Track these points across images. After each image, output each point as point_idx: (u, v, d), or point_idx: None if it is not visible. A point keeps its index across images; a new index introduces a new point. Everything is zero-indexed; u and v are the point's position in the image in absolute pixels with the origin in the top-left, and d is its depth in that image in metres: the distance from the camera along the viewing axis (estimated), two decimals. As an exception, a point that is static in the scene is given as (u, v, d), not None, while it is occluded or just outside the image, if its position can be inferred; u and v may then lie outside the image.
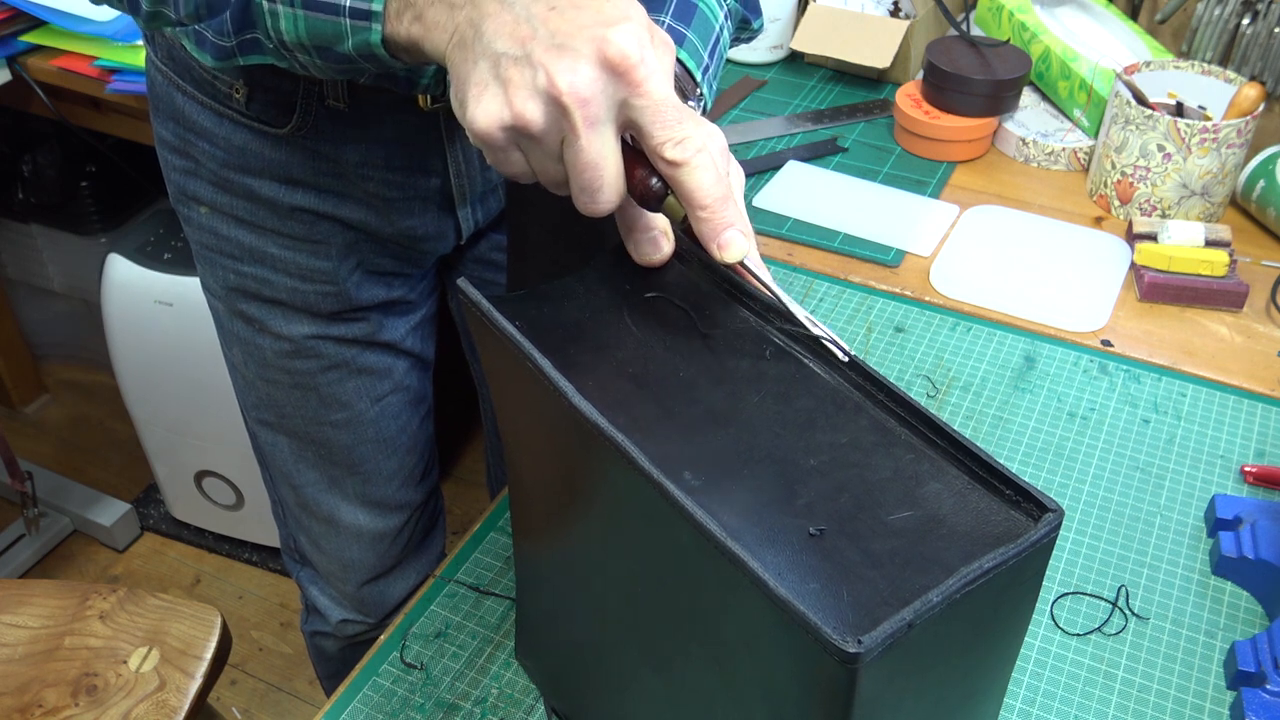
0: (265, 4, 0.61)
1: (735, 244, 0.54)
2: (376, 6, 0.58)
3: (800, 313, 0.56)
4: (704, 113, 0.72)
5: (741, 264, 0.56)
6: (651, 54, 0.52)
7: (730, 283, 0.59)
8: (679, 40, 0.72)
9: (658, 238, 0.60)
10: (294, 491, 1.03)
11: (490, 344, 0.58)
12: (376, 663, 0.76)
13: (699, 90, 0.71)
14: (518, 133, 0.52)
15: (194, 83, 0.82)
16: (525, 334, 0.54)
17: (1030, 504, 0.48)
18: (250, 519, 1.86)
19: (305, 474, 1.01)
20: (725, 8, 0.77)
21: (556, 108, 0.51)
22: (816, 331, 0.55)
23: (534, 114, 0.51)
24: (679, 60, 0.70)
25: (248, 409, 1.01)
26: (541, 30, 0.51)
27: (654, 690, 0.58)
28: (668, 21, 0.72)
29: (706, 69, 0.73)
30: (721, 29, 0.76)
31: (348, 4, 0.58)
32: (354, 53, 0.60)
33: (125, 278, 1.62)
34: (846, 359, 0.54)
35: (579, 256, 0.63)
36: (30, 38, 1.47)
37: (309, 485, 1.02)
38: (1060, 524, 0.47)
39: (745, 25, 0.84)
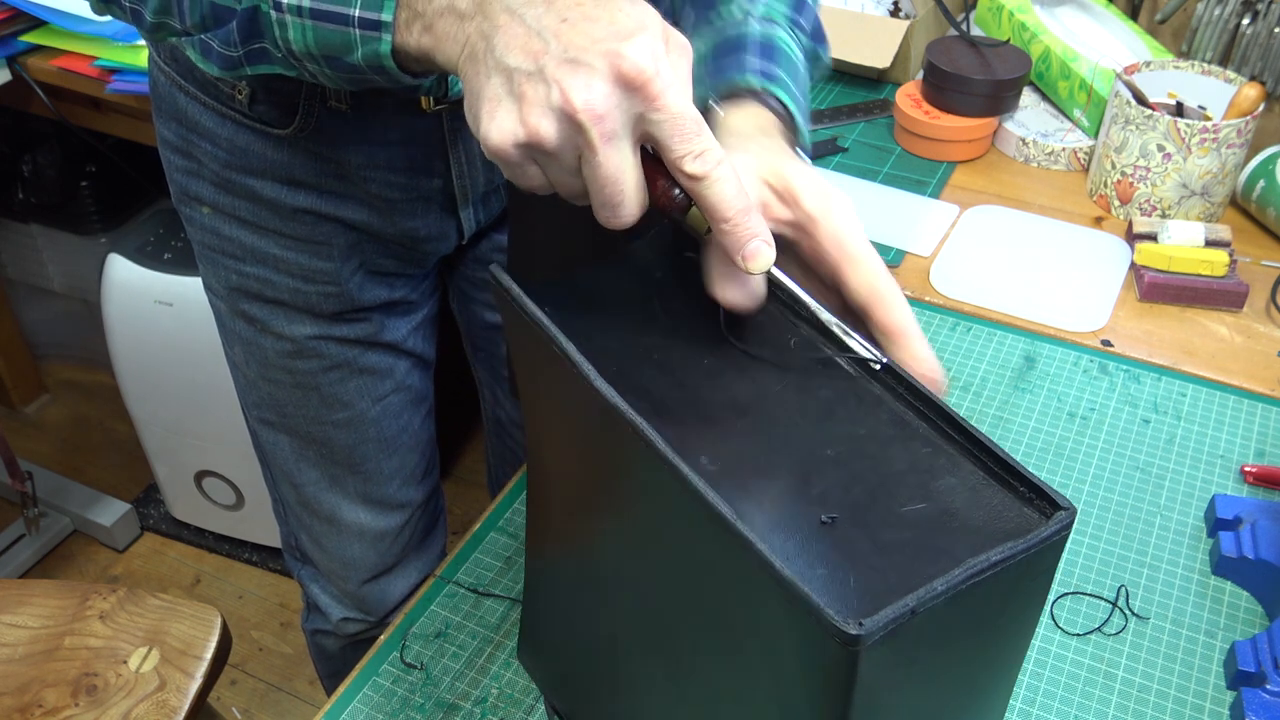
0: (273, 14, 0.60)
1: (761, 255, 0.54)
2: (386, 16, 0.57)
3: (831, 320, 0.56)
4: (809, 157, 0.69)
5: (768, 273, 0.56)
6: (666, 65, 0.51)
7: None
8: (770, 78, 0.68)
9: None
10: (295, 490, 1.04)
11: (517, 329, 0.58)
12: (376, 663, 0.76)
13: (799, 135, 0.68)
14: (533, 149, 0.52)
15: (196, 83, 0.82)
16: (552, 319, 0.54)
17: (1043, 501, 0.48)
18: (250, 519, 1.86)
19: (306, 473, 1.01)
20: (802, 47, 0.74)
21: (571, 125, 0.50)
22: (850, 341, 0.55)
23: (549, 131, 0.51)
24: (782, 102, 0.67)
25: (249, 408, 1.02)
26: (554, 44, 0.50)
27: (661, 685, 0.58)
28: (758, 63, 0.69)
29: (804, 110, 0.71)
30: (803, 67, 0.73)
31: (356, 14, 0.58)
32: (363, 64, 0.60)
33: (125, 278, 1.62)
34: (880, 365, 0.54)
35: (583, 253, 0.63)
36: (30, 38, 1.47)
37: (310, 484, 1.02)
38: (1072, 523, 0.47)
39: (817, 59, 0.80)
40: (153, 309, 1.62)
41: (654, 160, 0.55)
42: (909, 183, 1.24)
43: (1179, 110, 1.19)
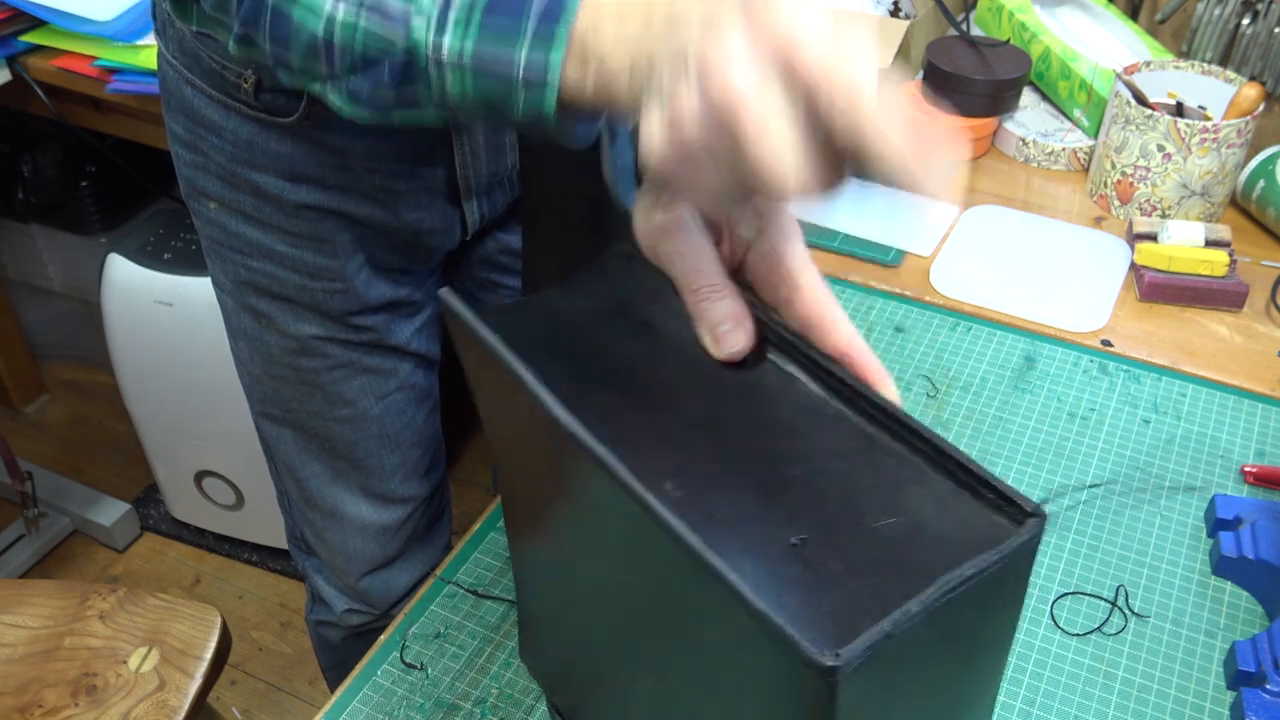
0: (433, 70, 0.56)
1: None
2: (552, 77, 0.53)
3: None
4: None
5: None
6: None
7: None
8: None
9: (732, 330, 0.54)
10: (298, 484, 1.04)
11: (474, 356, 0.57)
12: (376, 663, 0.76)
13: None
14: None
15: (203, 75, 0.82)
16: (509, 345, 0.53)
17: (1013, 508, 0.47)
18: (250, 519, 1.86)
19: (309, 466, 1.02)
20: None
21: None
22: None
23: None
24: None
25: (253, 402, 1.02)
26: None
27: (649, 693, 0.58)
28: None
29: None
30: None
31: (520, 76, 0.54)
32: (522, 118, 0.56)
33: (125, 278, 1.62)
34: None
35: (593, 240, 0.63)
36: (30, 38, 1.47)
37: (313, 478, 1.03)
38: (1043, 529, 0.47)
39: None
40: (153, 309, 1.62)
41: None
42: (909, 183, 1.24)
43: (1179, 110, 1.19)
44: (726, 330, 0.54)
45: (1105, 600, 0.80)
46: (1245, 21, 1.27)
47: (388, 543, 1.07)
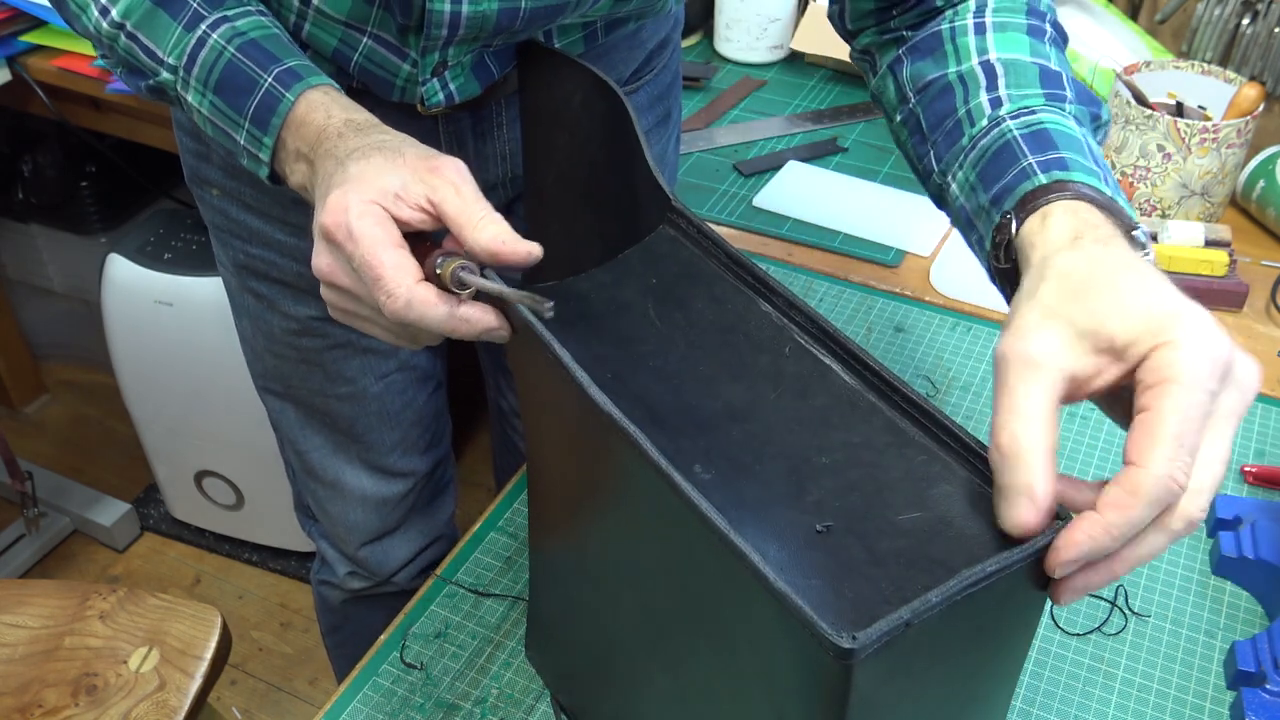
0: (183, 102, 0.68)
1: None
2: (264, 155, 0.65)
3: None
4: (1146, 249, 0.60)
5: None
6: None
7: (756, 278, 0.59)
8: (1055, 166, 0.61)
9: (1019, 501, 0.47)
10: (299, 457, 1.06)
11: (514, 336, 0.58)
12: (376, 663, 0.77)
13: (1118, 204, 0.60)
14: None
15: None
16: (548, 326, 0.54)
17: None
18: (250, 519, 1.86)
19: (310, 439, 1.04)
20: (1073, 115, 0.67)
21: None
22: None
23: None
24: (1080, 184, 0.60)
25: (255, 376, 1.05)
26: None
27: (662, 687, 0.58)
28: (1035, 159, 0.63)
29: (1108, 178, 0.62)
30: (1085, 135, 0.66)
31: (243, 146, 0.67)
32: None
33: (125, 278, 1.62)
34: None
35: (594, 254, 0.63)
36: (30, 38, 1.47)
37: (314, 450, 1.05)
38: None
39: (1097, 121, 0.71)
40: (153, 309, 1.61)
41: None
42: (909, 183, 1.24)
43: (1179, 110, 1.19)
44: (1014, 499, 0.47)
45: (1105, 600, 0.80)
46: (1245, 21, 1.27)
47: (388, 514, 1.09)
